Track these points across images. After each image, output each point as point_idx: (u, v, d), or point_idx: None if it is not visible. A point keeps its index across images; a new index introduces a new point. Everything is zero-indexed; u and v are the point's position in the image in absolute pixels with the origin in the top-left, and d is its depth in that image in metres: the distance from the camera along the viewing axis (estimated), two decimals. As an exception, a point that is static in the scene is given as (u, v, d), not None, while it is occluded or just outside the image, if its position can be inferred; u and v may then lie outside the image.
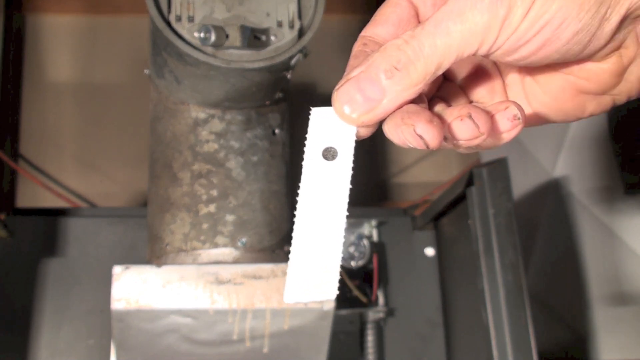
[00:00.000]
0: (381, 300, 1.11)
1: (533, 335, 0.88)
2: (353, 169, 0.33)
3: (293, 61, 0.80)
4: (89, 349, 1.07)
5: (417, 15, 0.36)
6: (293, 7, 0.80)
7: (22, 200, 1.44)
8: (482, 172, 0.96)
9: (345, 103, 0.32)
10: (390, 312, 1.14)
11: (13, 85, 1.50)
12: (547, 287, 1.30)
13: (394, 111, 0.32)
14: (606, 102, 0.37)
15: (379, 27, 0.36)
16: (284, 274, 0.83)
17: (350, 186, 0.33)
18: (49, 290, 1.08)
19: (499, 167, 0.96)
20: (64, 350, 1.07)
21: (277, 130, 0.93)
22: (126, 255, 1.11)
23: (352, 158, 0.33)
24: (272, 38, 0.79)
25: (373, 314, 1.10)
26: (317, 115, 0.34)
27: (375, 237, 1.15)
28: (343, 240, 0.33)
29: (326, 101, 0.34)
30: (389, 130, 0.32)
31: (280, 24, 0.79)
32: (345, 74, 0.33)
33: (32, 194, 1.44)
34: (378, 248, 1.15)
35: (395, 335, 1.14)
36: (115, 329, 0.84)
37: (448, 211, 1.11)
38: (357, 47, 0.35)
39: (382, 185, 1.56)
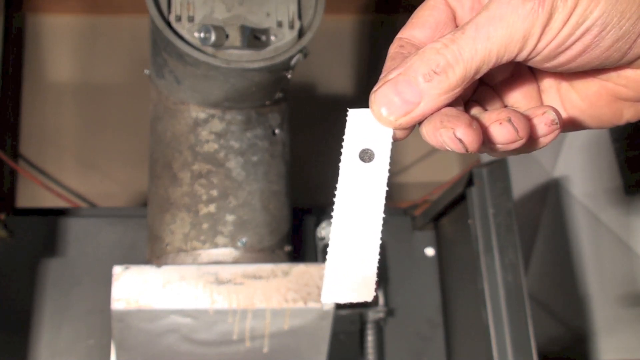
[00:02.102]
0: (381, 300, 1.11)
1: (533, 335, 0.88)
2: (389, 171, 0.33)
3: (293, 61, 0.80)
4: (89, 349, 1.07)
5: (454, 18, 0.36)
6: (293, 7, 0.80)
7: (22, 200, 1.44)
8: (482, 172, 0.96)
9: (383, 105, 0.32)
10: (390, 312, 1.14)
11: (13, 85, 1.50)
12: (547, 287, 1.30)
13: (431, 114, 0.32)
14: None
15: (416, 29, 0.35)
16: (284, 273, 0.83)
17: (387, 188, 0.33)
18: (49, 290, 1.08)
19: (499, 167, 0.97)
20: (64, 350, 1.07)
21: (277, 130, 0.93)
22: (126, 255, 1.11)
23: (388, 160, 0.33)
24: (272, 38, 0.79)
25: (373, 314, 1.10)
26: (354, 117, 0.33)
27: (375, 237, 1.15)
28: (380, 242, 0.33)
29: (326, 101, 0.34)
30: (427, 133, 0.32)
31: (280, 24, 0.79)
32: (382, 75, 0.33)
33: (32, 194, 1.44)
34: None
35: (395, 335, 1.14)
36: (115, 329, 0.84)
37: (448, 211, 1.11)
38: (393, 48, 0.35)
39: (382, 185, 1.56)
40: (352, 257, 0.33)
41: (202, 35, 0.77)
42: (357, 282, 0.32)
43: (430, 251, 1.19)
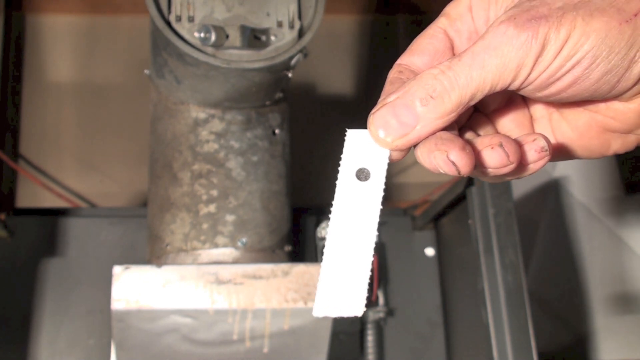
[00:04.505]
0: (381, 300, 1.11)
1: (533, 335, 0.88)
2: (384, 190, 0.34)
3: (293, 61, 0.80)
4: (89, 349, 1.07)
5: (452, 47, 0.37)
6: (293, 7, 0.80)
7: (22, 200, 1.44)
8: (482, 172, 0.96)
9: (380, 127, 0.33)
10: (390, 312, 1.14)
11: (13, 85, 1.50)
12: (547, 287, 1.30)
13: (427, 137, 0.33)
14: (631, 141, 0.38)
15: (415, 56, 0.37)
16: (284, 273, 0.83)
17: (382, 207, 0.34)
18: (49, 290, 1.08)
19: (499, 167, 0.96)
20: (64, 350, 1.07)
21: (277, 130, 0.93)
22: (126, 255, 1.11)
23: (384, 180, 0.34)
24: (272, 38, 0.79)
25: (373, 314, 1.10)
26: (352, 137, 0.35)
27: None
28: (372, 258, 0.34)
29: (326, 101, 0.34)
30: (422, 155, 0.33)
31: (280, 24, 0.79)
32: (380, 99, 0.34)
33: (32, 194, 1.44)
34: (378, 248, 1.15)
35: (395, 335, 1.14)
36: (115, 329, 0.84)
37: (448, 211, 1.11)
38: (392, 74, 0.36)
39: (382, 185, 1.56)
40: (344, 272, 0.34)
41: (202, 35, 0.77)
42: (348, 297, 0.33)
43: (430, 251, 1.19)
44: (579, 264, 1.24)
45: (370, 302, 1.10)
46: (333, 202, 0.34)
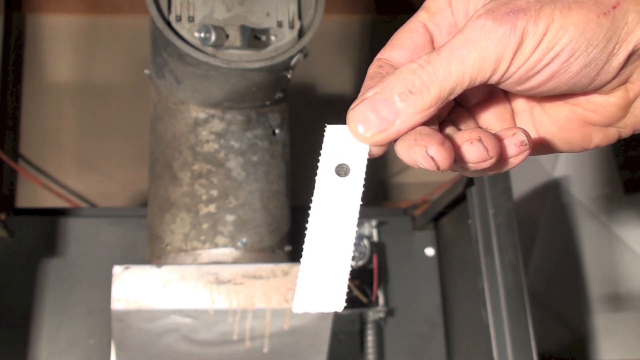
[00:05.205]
0: (381, 300, 1.11)
1: (533, 335, 0.88)
2: (364, 185, 0.34)
3: (293, 61, 0.80)
4: (89, 349, 1.07)
5: (432, 41, 0.37)
6: (293, 7, 0.80)
7: (22, 200, 1.44)
8: (482, 172, 0.96)
9: (360, 122, 0.33)
10: (390, 312, 1.14)
11: (13, 85, 1.50)
12: (547, 287, 1.30)
13: (407, 132, 0.33)
14: (612, 134, 0.38)
15: (395, 50, 0.37)
16: (284, 273, 0.83)
17: (361, 202, 0.34)
18: (49, 290, 1.08)
19: (499, 167, 0.96)
20: (64, 350, 1.07)
21: (277, 130, 0.93)
22: (126, 255, 1.11)
23: (363, 175, 0.34)
24: (272, 38, 0.79)
25: (373, 314, 1.10)
26: (332, 133, 0.35)
27: (375, 237, 1.15)
28: (352, 254, 0.34)
29: (326, 101, 0.34)
30: (401, 150, 0.33)
31: (280, 24, 0.79)
32: (360, 94, 0.34)
33: (32, 194, 1.44)
34: (378, 248, 1.15)
35: (395, 335, 1.14)
36: (115, 329, 0.84)
37: (448, 211, 1.11)
38: (372, 69, 0.36)
39: (382, 185, 1.56)
40: (324, 268, 0.34)
41: (202, 35, 0.77)
42: (328, 293, 0.33)
43: (430, 251, 1.19)
44: (578, 264, 1.24)
45: (370, 302, 1.10)
46: (312, 198, 0.34)
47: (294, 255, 0.97)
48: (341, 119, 0.36)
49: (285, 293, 0.83)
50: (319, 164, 0.34)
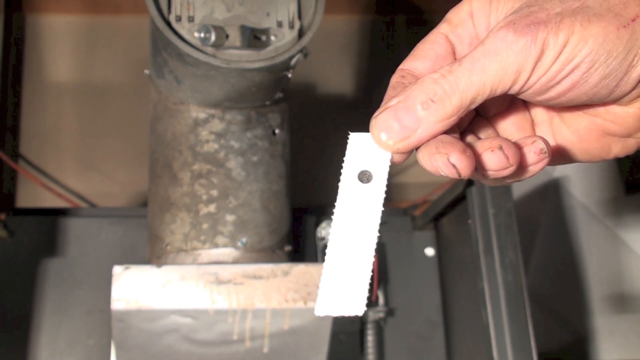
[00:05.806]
0: (381, 300, 1.11)
1: (533, 335, 0.88)
2: (386, 192, 0.35)
3: (293, 61, 0.80)
4: (89, 349, 1.07)
5: (453, 52, 0.38)
6: (293, 7, 0.80)
7: (22, 200, 1.44)
8: (482, 172, 0.96)
9: (382, 130, 0.34)
10: (390, 312, 1.14)
11: (13, 85, 1.50)
12: (547, 287, 1.30)
13: (428, 140, 0.34)
14: (631, 144, 0.39)
15: (417, 61, 0.37)
16: (284, 273, 0.83)
17: (383, 208, 0.35)
18: (49, 290, 1.08)
19: (499, 167, 0.96)
20: (64, 350, 1.07)
21: (277, 130, 0.93)
22: (126, 255, 1.11)
23: (385, 182, 0.35)
24: (272, 38, 0.79)
25: (373, 314, 1.10)
26: (355, 140, 0.36)
27: (375, 237, 1.15)
28: (373, 259, 0.35)
29: (326, 101, 0.35)
30: (423, 158, 0.34)
31: (280, 24, 0.79)
32: (383, 103, 0.35)
33: (32, 194, 1.44)
34: (378, 248, 1.15)
35: (395, 335, 1.14)
36: (115, 329, 0.84)
37: (448, 211, 1.11)
38: (395, 78, 0.37)
39: (382, 185, 1.56)
40: (346, 273, 0.34)
41: (202, 35, 0.77)
42: (350, 297, 0.34)
43: (430, 251, 1.19)
44: (578, 264, 1.24)
45: (370, 302, 1.10)
46: (335, 204, 0.35)
47: (294, 255, 0.97)
48: (341, 119, 0.36)
49: (285, 293, 0.83)
50: (342, 171, 0.35)
